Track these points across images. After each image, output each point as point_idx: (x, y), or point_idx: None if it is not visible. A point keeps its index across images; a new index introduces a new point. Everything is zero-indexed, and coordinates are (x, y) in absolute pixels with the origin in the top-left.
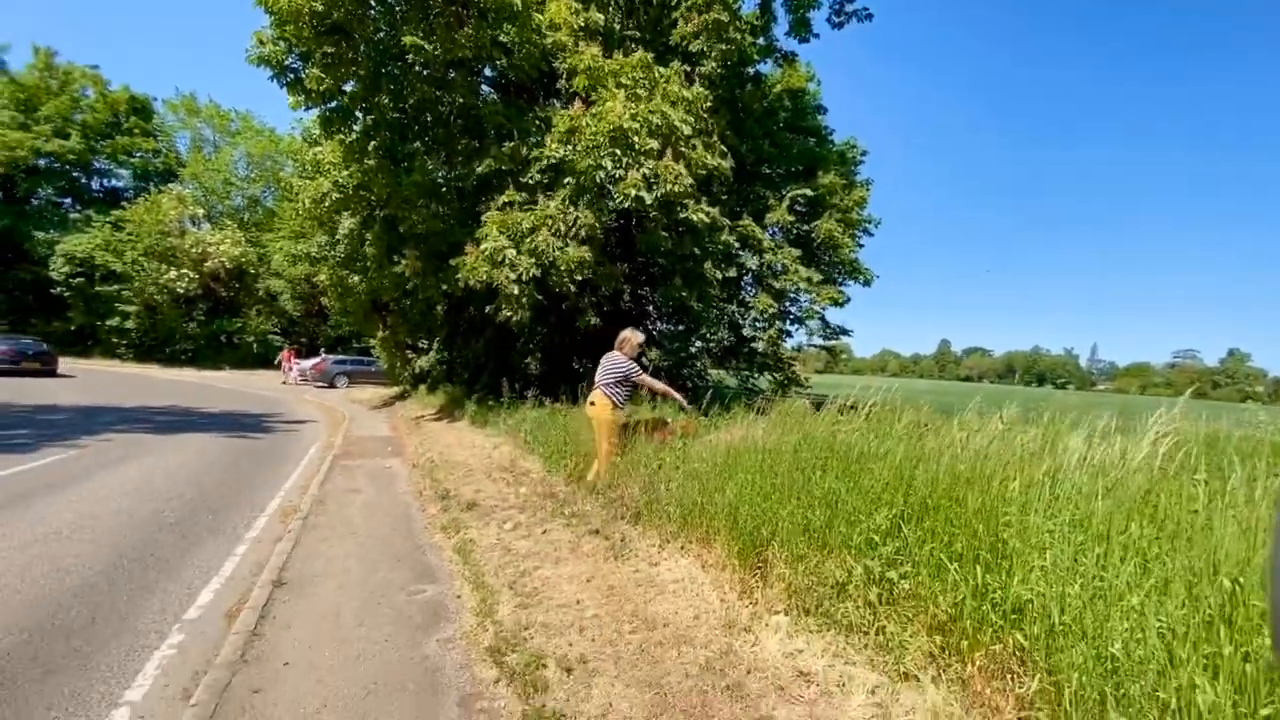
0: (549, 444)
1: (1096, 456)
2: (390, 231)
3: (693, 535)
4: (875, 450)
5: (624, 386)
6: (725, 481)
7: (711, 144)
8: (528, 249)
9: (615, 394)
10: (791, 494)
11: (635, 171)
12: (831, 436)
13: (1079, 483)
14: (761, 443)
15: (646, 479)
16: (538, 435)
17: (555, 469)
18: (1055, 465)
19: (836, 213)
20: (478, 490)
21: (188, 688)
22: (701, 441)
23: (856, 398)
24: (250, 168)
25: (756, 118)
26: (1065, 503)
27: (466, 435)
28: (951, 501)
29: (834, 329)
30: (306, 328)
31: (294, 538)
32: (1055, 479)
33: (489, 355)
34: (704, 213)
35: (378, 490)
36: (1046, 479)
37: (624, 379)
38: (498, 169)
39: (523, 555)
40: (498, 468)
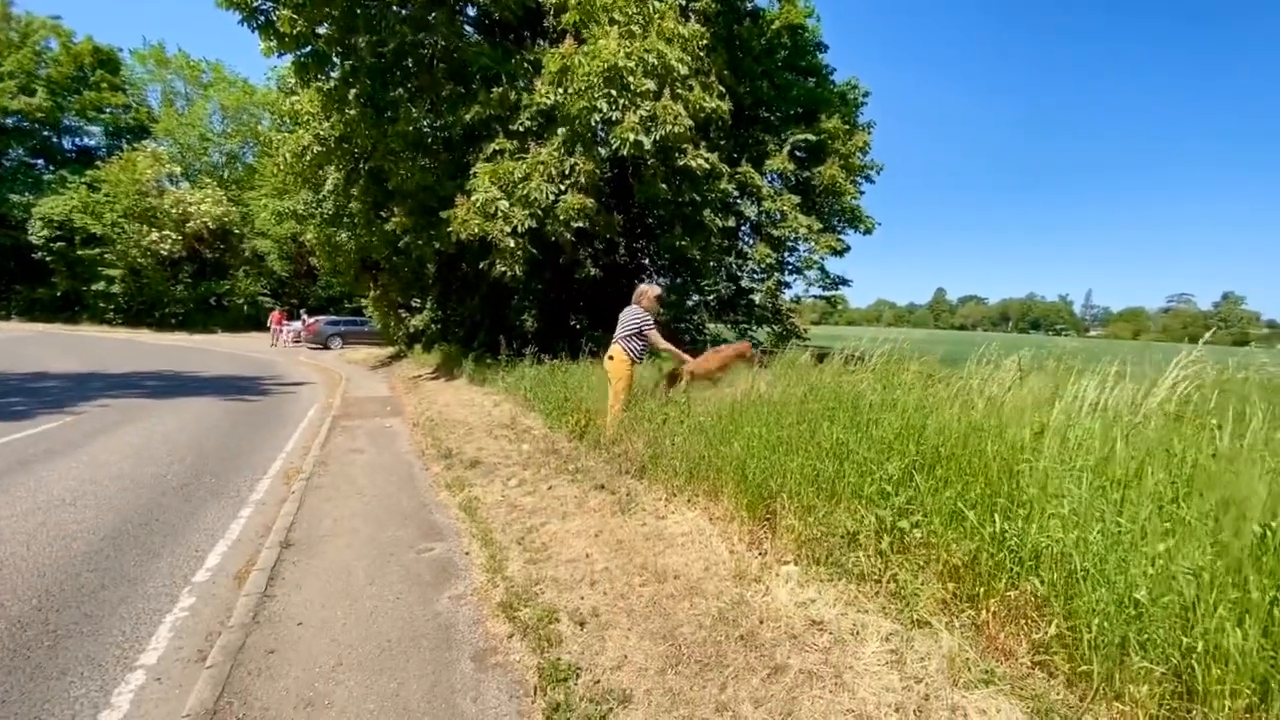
0: (550, 401)
1: (1110, 401)
2: (377, 186)
3: (699, 488)
4: (884, 400)
5: (640, 340)
6: (732, 435)
7: (709, 84)
8: (520, 198)
9: (631, 348)
10: (799, 445)
11: (632, 114)
12: (838, 387)
13: (1093, 429)
14: (767, 395)
15: (651, 433)
16: (538, 393)
17: (557, 426)
18: (1068, 411)
19: (838, 158)
20: (480, 448)
21: (202, 649)
22: (704, 396)
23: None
24: (226, 121)
25: (755, 56)
26: (1080, 449)
27: (465, 394)
28: (965, 449)
29: (833, 279)
30: (296, 288)
31: (298, 499)
32: (1070, 425)
33: (485, 313)
34: (703, 158)
35: (379, 450)
36: (1062, 425)
37: (639, 333)
38: (486, 116)
39: (529, 511)
40: (499, 425)
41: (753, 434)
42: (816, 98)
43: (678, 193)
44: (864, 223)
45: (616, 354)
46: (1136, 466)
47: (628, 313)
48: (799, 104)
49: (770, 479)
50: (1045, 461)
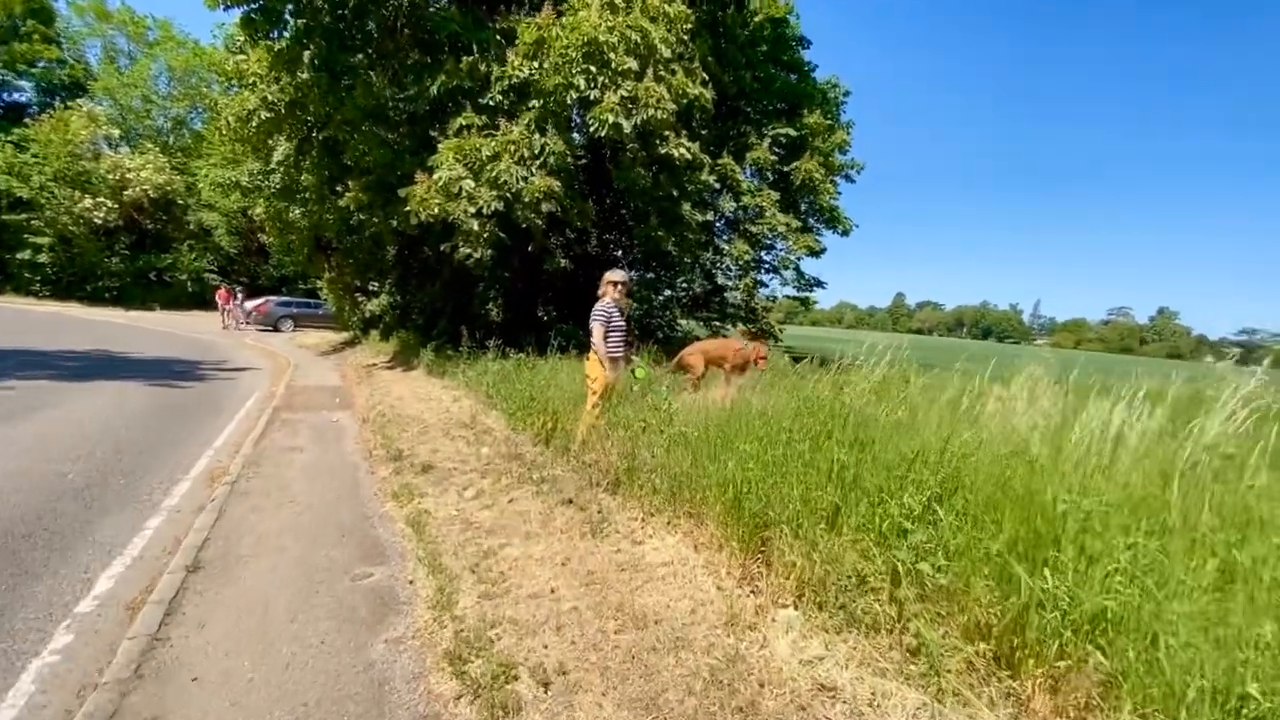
0: (514, 400)
1: (1141, 429)
2: (331, 158)
3: (681, 510)
4: (895, 420)
5: (612, 335)
6: (720, 450)
7: (693, 70)
8: (488, 179)
9: (598, 345)
10: (797, 468)
11: (612, 94)
12: (836, 401)
13: (1140, 459)
14: (757, 406)
15: (628, 443)
16: (501, 389)
17: (521, 427)
18: (1093, 440)
19: (818, 155)
20: (434, 450)
21: (70, 710)
22: (684, 401)
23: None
24: (173, 84)
25: (739, 45)
26: (1125, 487)
27: (422, 386)
28: (994, 484)
29: (808, 279)
30: (247, 266)
31: (218, 507)
32: (1110, 458)
33: (446, 300)
34: (684, 147)
35: (322, 448)
36: (1091, 456)
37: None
38: (453, 88)
39: (486, 530)
40: (456, 424)
41: (747, 453)
42: (799, 92)
43: (656, 183)
44: (842, 223)
45: (591, 353)
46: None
47: (595, 307)
48: (781, 98)
49: (769, 506)
50: (1092, 503)
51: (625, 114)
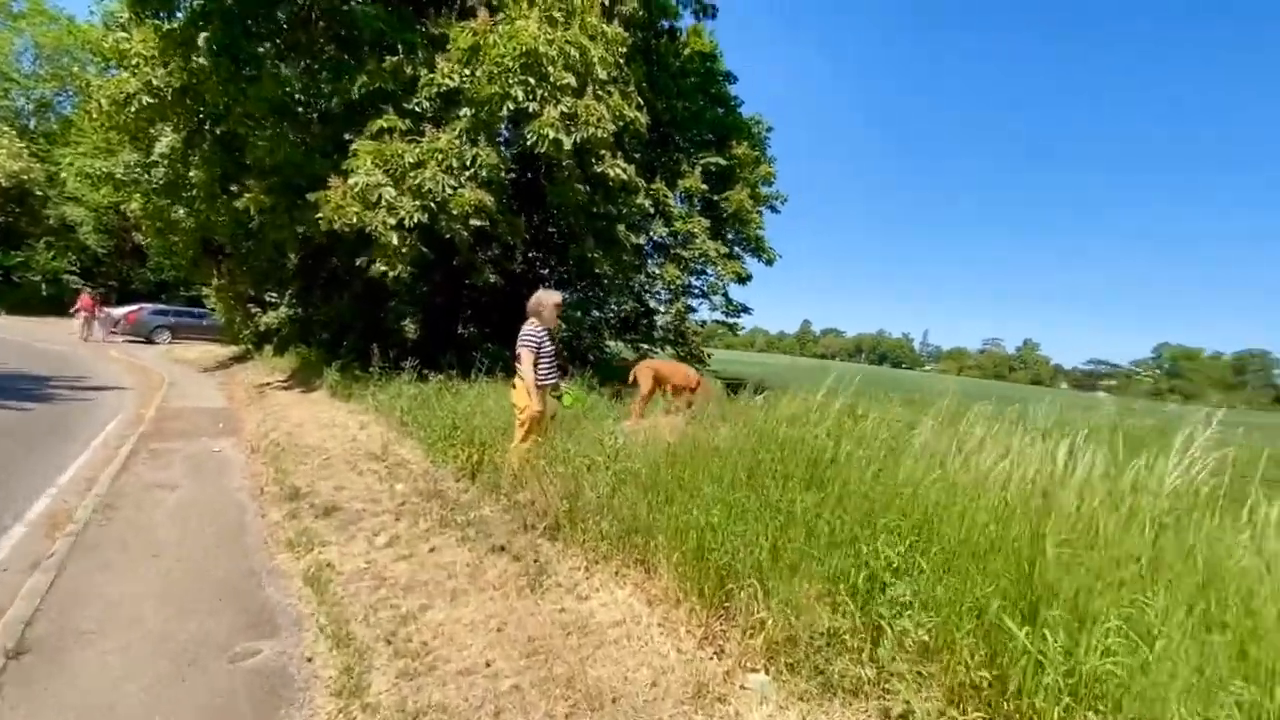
0: (433, 428)
1: (1090, 468)
2: (227, 155)
3: (631, 558)
4: (858, 455)
5: (539, 363)
6: (675, 491)
7: (628, 94)
8: (411, 187)
9: (527, 374)
10: (766, 514)
11: (552, 108)
12: (797, 435)
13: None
14: (708, 440)
15: (570, 479)
16: (418, 415)
17: (442, 459)
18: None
19: (746, 185)
20: (339, 487)
21: None
22: (628, 431)
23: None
24: (39, 62)
25: (671, 74)
26: (1109, 539)
27: (325, 410)
28: (972, 530)
29: (736, 305)
30: (118, 269)
31: (58, 564)
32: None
33: (356, 314)
34: (620, 168)
35: (200, 485)
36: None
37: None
38: (375, 89)
39: (403, 587)
40: (366, 455)
41: (712, 496)
42: (728, 124)
43: (591, 202)
44: (766, 253)
45: (516, 382)
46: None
47: (522, 329)
48: (711, 129)
49: (735, 557)
50: (1096, 558)
51: (565, 131)
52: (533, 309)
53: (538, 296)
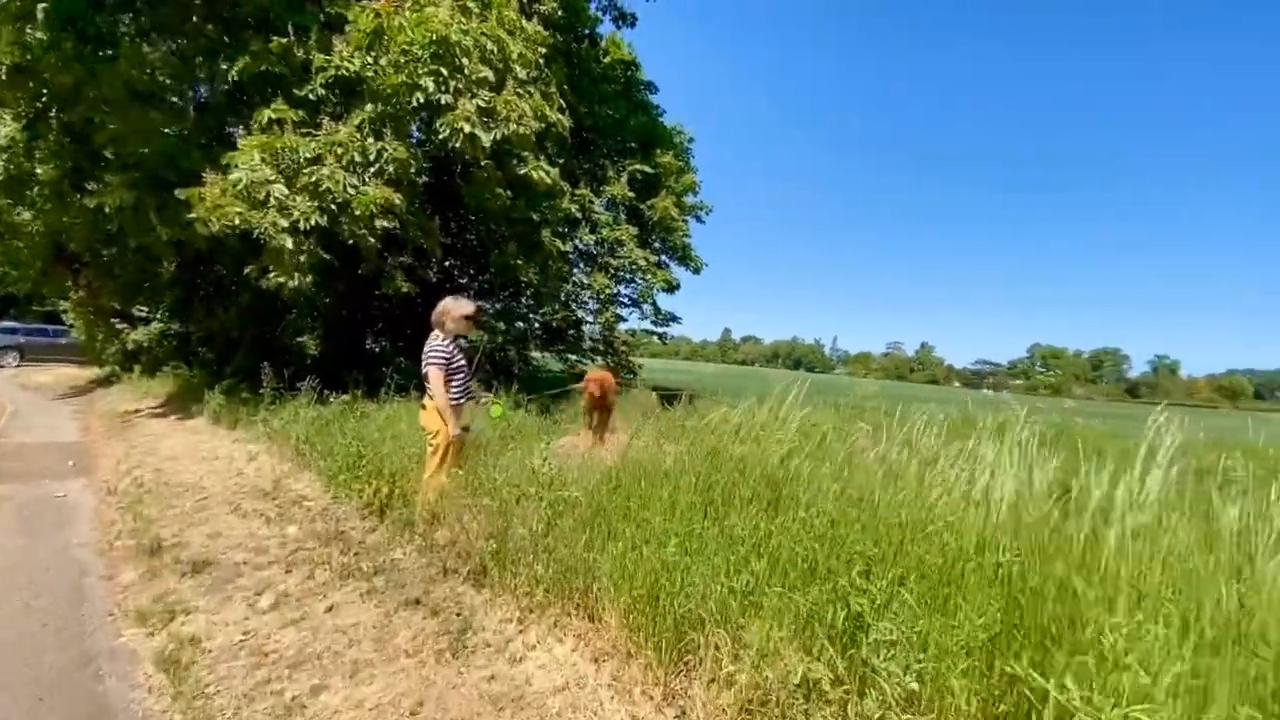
0: (336, 457)
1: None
2: (79, 146)
3: (571, 605)
4: (821, 472)
5: (450, 381)
6: (620, 522)
7: (550, 94)
8: (307, 185)
9: (438, 393)
10: (725, 546)
11: (467, 101)
12: (748, 451)
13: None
14: (653, 462)
15: (496, 512)
16: (318, 444)
17: (346, 494)
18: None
19: (671, 194)
20: (216, 534)
21: None
22: (560, 452)
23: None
24: None
25: (593, 79)
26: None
27: (206, 439)
28: (955, 558)
29: (664, 314)
30: None
31: None
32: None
33: (245, 329)
34: (544, 170)
35: (29, 540)
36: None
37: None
38: (261, 74)
39: (291, 663)
40: (253, 492)
41: (663, 528)
42: (652, 132)
43: (513, 206)
44: (693, 261)
45: (427, 401)
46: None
47: (427, 343)
48: (636, 136)
49: (695, 601)
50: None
51: (483, 126)
52: (436, 320)
53: (443, 306)
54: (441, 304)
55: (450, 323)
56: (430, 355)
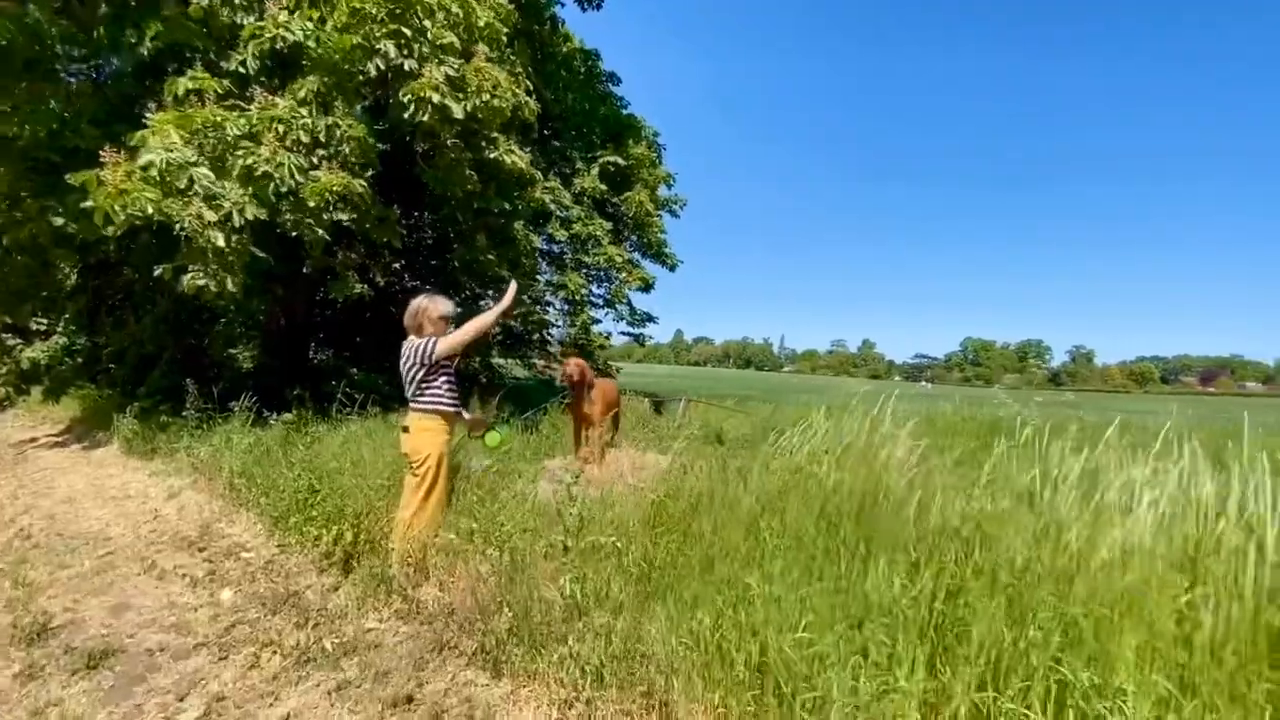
0: (282, 492)
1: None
2: None
3: (630, 696)
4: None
5: (438, 386)
6: (696, 579)
7: (517, 75)
8: (238, 170)
9: (430, 402)
10: (864, 613)
11: (434, 67)
12: (826, 474)
13: None
14: (708, 490)
15: (506, 564)
16: (257, 476)
17: (297, 541)
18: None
19: (645, 188)
20: (123, 605)
21: None
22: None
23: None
24: None
25: (559, 63)
26: None
27: (115, 474)
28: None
29: (640, 315)
30: None
31: None
32: None
33: (165, 340)
34: (516, 155)
35: None
36: None
37: (430, 372)
38: (175, 41)
39: None
40: (174, 542)
41: (763, 589)
42: (623, 122)
43: (482, 195)
44: (668, 258)
45: (412, 422)
46: None
47: (405, 349)
48: (606, 127)
49: (846, 694)
50: None
51: (454, 97)
52: (412, 322)
53: (418, 306)
54: (415, 304)
55: (429, 324)
56: (422, 352)
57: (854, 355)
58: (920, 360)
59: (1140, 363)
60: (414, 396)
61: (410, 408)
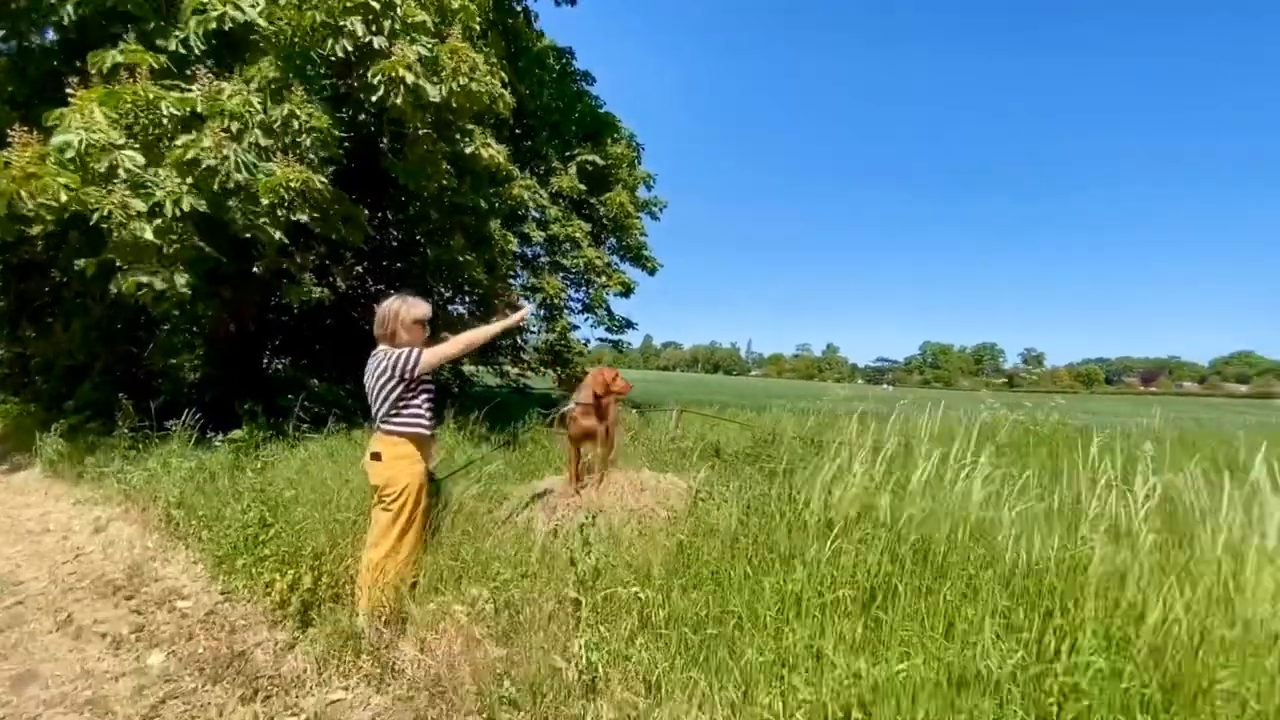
0: (228, 526)
1: None
2: None
3: None
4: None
5: (418, 405)
6: (745, 640)
7: (492, 65)
8: (175, 158)
9: (407, 424)
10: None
11: (405, 45)
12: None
13: None
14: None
15: (506, 619)
16: (198, 506)
17: (245, 585)
18: None
19: (625, 188)
20: (28, 675)
21: None
22: (532, 498)
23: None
24: None
25: (533, 58)
26: None
27: (34, 503)
28: None
29: (619, 320)
30: None
31: None
32: None
33: (96, 349)
34: (493, 149)
35: None
36: None
37: (410, 388)
38: (109, 10)
39: None
40: (97, 588)
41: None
42: (601, 121)
43: (457, 190)
44: (649, 262)
45: (380, 445)
46: None
47: (369, 374)
48: (583, 125)
49: None
50: None
51: (427, 77)
52: (385, 329)
53: (389, 310)
54: (386, 308)
55: (404, 331)
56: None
57: (819, 359)
58: (881, 363)
59: (1086, 364)
60: (387, 417)
61: (381, 430)
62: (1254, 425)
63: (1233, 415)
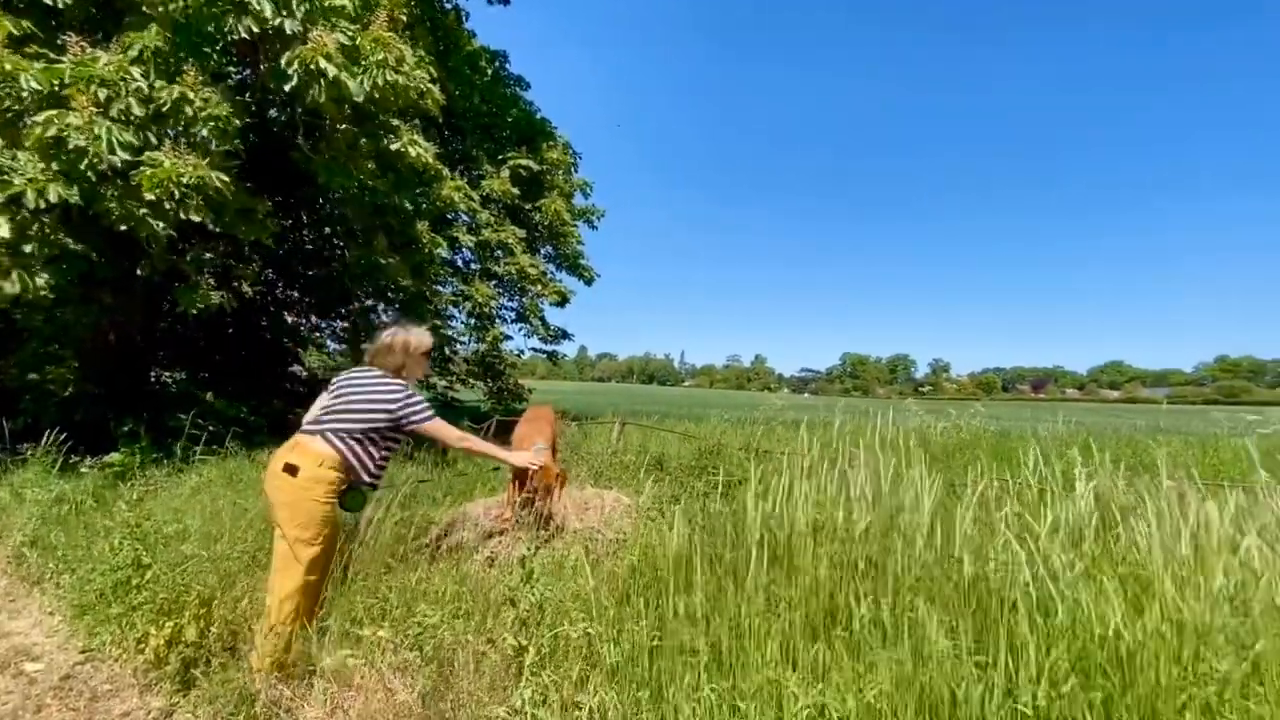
0: (94, 567)
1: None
2: None
3: None
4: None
5: (383, 452)
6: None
7: (420, 60)
8: (36, 138)
9: (350, 451)
10: None
11: (326, 33)
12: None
13: None
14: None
15: (435, 672)
16: (58, 545)
17: (112, 640)
18: None
19: (561, 195)
20: None
21: None
22: (465, 520)
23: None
24: None
25: (464, 59)
26: None
27: None
28: None
29: (555, 331)
30: None
31: None
32: None
33: None
34: (421, 147)
35: None
36: None
37: (391, 434)
38: None
39: None
40: None
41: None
42: (536, 126)
43: (377, 191)
44: (585, 271)
45: (300, 457)
46: None
47: (359, 380)
48: (518, 129)
49: None
50: None
51: (348, 70)
52: (391, 360)
53: (399, 339)
54: (393, 337)
55: (415, 365)
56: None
57: (747, 369)
58: (805, 374)
59: (986, 373)
60: (332, 430)
61: (314, 433)
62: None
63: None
